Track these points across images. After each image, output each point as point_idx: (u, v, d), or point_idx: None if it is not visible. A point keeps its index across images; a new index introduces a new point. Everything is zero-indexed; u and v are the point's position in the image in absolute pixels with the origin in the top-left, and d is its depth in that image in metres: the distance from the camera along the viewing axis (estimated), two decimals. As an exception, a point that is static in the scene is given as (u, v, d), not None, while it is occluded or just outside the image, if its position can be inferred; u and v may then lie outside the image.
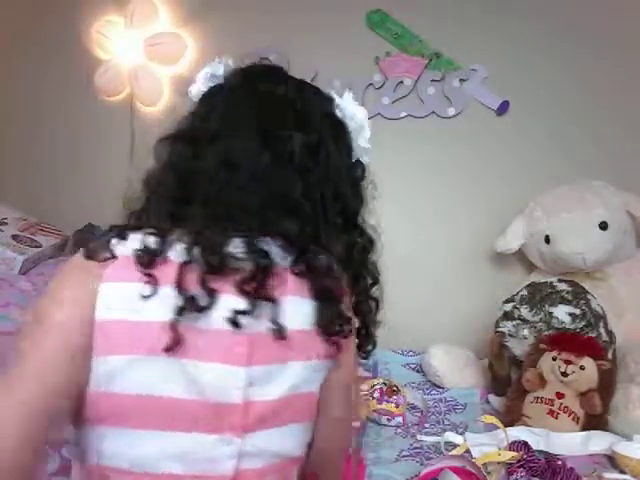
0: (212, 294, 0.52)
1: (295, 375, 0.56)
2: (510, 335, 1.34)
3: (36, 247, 1.48)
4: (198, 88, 0.66)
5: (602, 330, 1.26)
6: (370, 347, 0.68)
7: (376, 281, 0.67)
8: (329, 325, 0.57)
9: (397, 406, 1.27)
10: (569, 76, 1.61)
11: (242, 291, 0.53)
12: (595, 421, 1.17)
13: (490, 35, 1.64)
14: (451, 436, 1.13)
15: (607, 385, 1.19)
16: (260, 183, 0.57)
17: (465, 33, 1.65)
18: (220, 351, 0.53)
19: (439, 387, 1.45)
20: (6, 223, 1.54)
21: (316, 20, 1.74)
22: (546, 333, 1.29)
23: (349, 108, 0.66)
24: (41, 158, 1.98)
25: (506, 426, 1.09)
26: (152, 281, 0.52)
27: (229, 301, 0.53)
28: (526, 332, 1.32)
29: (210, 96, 0.65)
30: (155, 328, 0.51)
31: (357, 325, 0.64)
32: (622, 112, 1.57)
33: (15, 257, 1.38)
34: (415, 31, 1.70)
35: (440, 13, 1.67)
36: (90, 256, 0.55)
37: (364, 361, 1.44)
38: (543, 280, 1.39)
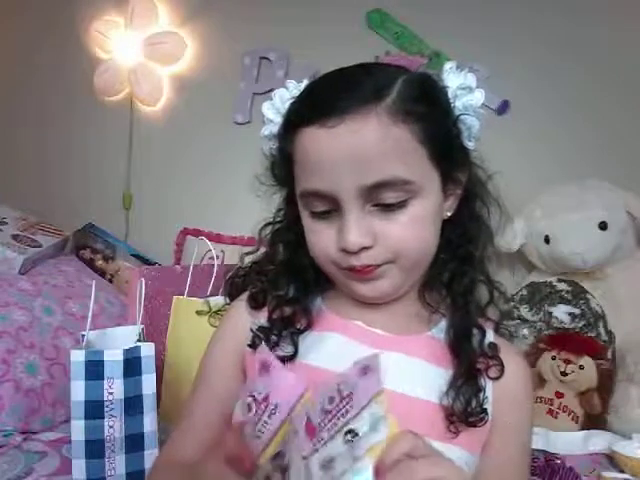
0: None
1: None
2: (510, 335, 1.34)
3: (36, 247, 1.48)
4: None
5: (601, 330, 1.27)
6: None
7: None
8: None
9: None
10: (570, 76, 1.61)
11: None
12: (594, 420, 1.17)
13: (490, 35, 1.64)
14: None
15: (606, 385, 1.19)
16: None
17: (465, 33, 1.65)
18: None
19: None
20: (6, 223, 1.53)
21: (316, 19, 1.74)
22: (545, 333, 1.29)
23: None
24: (40, 158, 1.98)
25: (506, 426, 1.09)
26: None
27: None
28: (525, 332, 1.32)
29: None
30: None
31: None
32: (623, 112, 1.57)
33: (15, 257, 1.38)
34: (415, 31, 1.70)
35: (440, 13, 1.67)
36: None
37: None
38: (542, 280, 1.39)
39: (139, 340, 0.95)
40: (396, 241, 0.52)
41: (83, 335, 0.92)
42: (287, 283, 0.62)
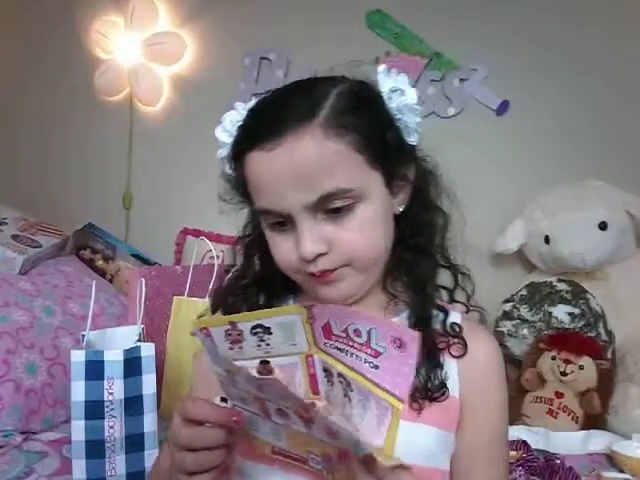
0: None
1: None
2: (509, 335, 1.34)
3: (36, 247, 1.48)
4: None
5: (601, 330, 1.27)
6: None
7: None
8: None
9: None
10: (570, 76, 1.61)
11: None
12: (594, 420, 1.17)
13: (490, 35, 1.64)
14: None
15: (606, 385, 1.19)
16: None
17: (465, 33, 1.65)
18: None
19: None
20: (6, 223, 1.53)
21: (316, 20, 1.74)
22: (545, 333, 1.29)
23: None
24: (40, 158, 1.98)
25: (505, 426, 1.09)
26: None
27: None
28: (525, 332, 1.32)
29: None
30: None
31: None
32: (623, 112, 1.57)
33: (15, 257, 1.38)
34: (415, 31, 1.70)
35: (440, 13, 1.67)
36: None
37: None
38: (542, 280, 1.39)
39: (139, 340, 0.95)
40: (348, 246, 0.55)
41: (83, 335, 0.92)
42: (257, 292, 0.66)
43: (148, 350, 0.92)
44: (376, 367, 0.43)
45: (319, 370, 0.46)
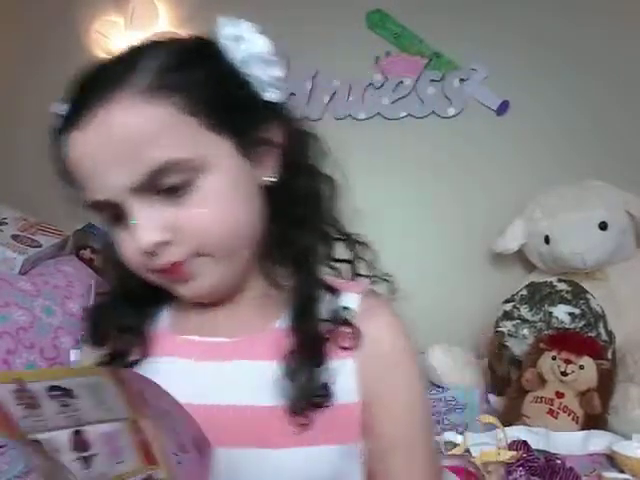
0: None
1: None
2: (510, 335, 1.34)
3: (36, 247, 1.48)
4: None
5: (602, 330, 1.27)
6: None
7: None
8: None
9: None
10: (570, 76, 1.61)
11: None
12: (594, 421, 1.17)
13: (490, 35, 1.64)
14: (451, 436, 1.13)
15: (606, 385, 1.19)
16: None
17: (465, 33, 1.65)
18: None
19: (439, 387, 1.46)
20: (6, 223, 1.53)
21: (316, 20, 1.74)
22: (546, 333, 1.29)
23: None
24: (40, 158, 1.98)
25: (506, 426, 1.09)
26: None
27: None
28: (526, 332, 1.32)
29: None
30: None
31: None
32: (623, 112, 1.57)
33: (15, 257, 1.38)
34: (415, 31, 1.70)
35: (440, 13, 1.67)
36: None
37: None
38: (543, 280, 1.39)
39: (139, 340, 0.95)
40: (196, 227, 0.46)
41: (83, 335, 0.92)
42: (127, 306, 0.54)
43: (148, 350, 0.92)
44: (179, 463, 0.36)
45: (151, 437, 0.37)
